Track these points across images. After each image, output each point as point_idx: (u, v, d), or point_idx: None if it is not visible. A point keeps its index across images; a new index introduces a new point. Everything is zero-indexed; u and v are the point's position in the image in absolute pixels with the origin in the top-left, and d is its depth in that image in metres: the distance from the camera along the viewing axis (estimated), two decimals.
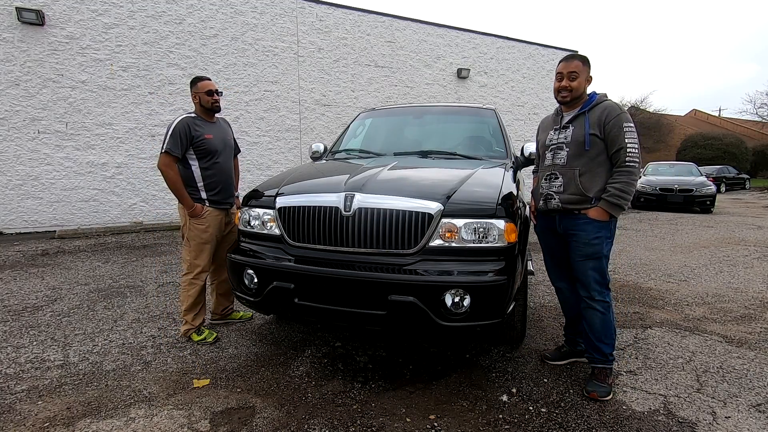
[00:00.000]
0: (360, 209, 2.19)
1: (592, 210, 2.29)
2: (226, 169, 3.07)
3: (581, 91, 2.36)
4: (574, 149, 2.33)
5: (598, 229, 2.28)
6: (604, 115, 2.27)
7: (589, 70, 2.39)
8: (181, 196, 2.88)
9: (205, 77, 3.04)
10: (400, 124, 4.02)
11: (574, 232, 2.34)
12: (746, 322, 3.39)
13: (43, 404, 2.18)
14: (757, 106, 33.41)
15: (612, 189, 2.23)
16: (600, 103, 2.33)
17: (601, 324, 2.32)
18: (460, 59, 12.26)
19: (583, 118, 2.33)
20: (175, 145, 2.81)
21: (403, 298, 2.03)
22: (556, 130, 2.44)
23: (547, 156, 2.48)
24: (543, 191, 2.47)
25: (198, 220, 2.93)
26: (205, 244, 2.96)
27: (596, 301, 2.32)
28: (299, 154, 10.14)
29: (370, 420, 2.05)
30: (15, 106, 7.44)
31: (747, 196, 17.54)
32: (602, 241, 2.30)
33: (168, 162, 2.83)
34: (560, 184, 2.37)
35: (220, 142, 3.03)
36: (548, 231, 2.55)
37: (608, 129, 2.25)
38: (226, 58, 9.15)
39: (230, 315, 3.37)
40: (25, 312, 3.55)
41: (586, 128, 2.29)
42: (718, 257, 5.76)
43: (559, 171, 2.38)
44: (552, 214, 2.45)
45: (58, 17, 7.62)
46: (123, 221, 8.36)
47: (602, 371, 2.34)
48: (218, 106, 3.05)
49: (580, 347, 2.65)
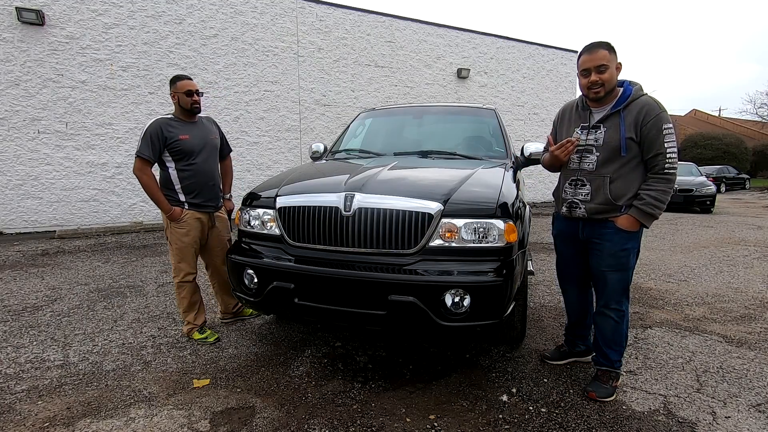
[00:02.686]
0: (360, 209, 2.18)
1: (621, 218, 2.11)
2: (206, 171, 2.95)
3: (614, 83, 2.10)
4: (605, 154, 2.11)
5: (626, 239, 2.12)
6: (641, 115, 2.03)
7: (617, 56, 2.10)
8: (157, 200, 2.80)
9: (185, 76, 2.92)
10: (400, 124, 4.02)
11: (600, 242, 2.17)
12: (746, 322, 3.39)
13: (43, 404, 2.18)
14: (757, 106, 33.51)
15: (646, 197, 2.05)
16: (636, 99, 2.08)
17: (612, 332, 2.23)
18: (460, 59, 12.27)
19: (617, 119, 2.08)
20: (146, 148, 2.73)
21: (403, 298, 2.03)
22: (584, 129, 2.19)
23: (572, 158, 2.24)
24: (567, 197, 2.27)
25: (178, 224, 2.86)
26: (187, 247, 2.90)
27: (612, 309, 2.22)
28: (299, 154, 10.15)
29: (370, 420, 2.05)
30: (15, 106, 7.44)
31: (747, 196, 17.54)
32: (629, 253, 2.15)
33: (141, 166, 2.75)
34: (587, 192, 2.17)
35: (198, 142, 2.90)
36: (567, 236, 2.38)
37: (646, 131, 2.02)
38: (226, 58, 9.15)
39: (242, 312, 3.35)
40: (25, 312, 3.55)
41: (621, 132, 2.05)
42: (718, 257, 5.76)
43: (587, 177, 2.18)
44: (575, 220, 2.29)
45: (58, 17, 7.62)
46: (123, 221, 8.36)
47: (606, 373, 2.28)
48: (198, 108, 2.93)
49: (579, 348, 2.63)
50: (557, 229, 2.47)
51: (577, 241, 2.32)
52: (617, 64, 2.10)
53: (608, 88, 2.09)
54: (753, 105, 41.32)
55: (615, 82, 2.11)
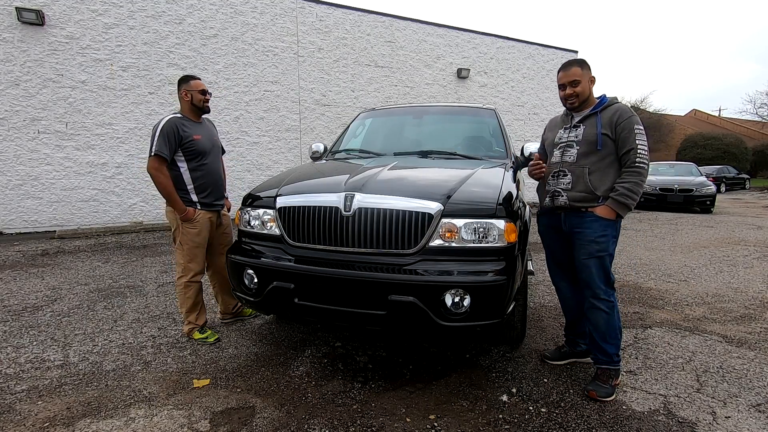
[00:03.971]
0: (360, 209, 2.19)
1: (599, 208, 2.30)
2: (215, 170, 3.02)
3: (587, 94, 2.39)
4: (584, 148, 2.34)
5: (604, 227, 2.30)
6: (616, 116, 2.29)
7: (590, 71, 2.42)
8: (173, 200, 2.81)
9: (196, 76, 3.00)
10: (400, 124, 4.02)
11: (580, 230, 2.34)
12: (746, 322, 3.39)
13: (43, 404, 2.18)
14: (757, 106, 33.50)
15: (621, 188, 2.25)
16: (611, 105, 2.35)
17: (606, 324, 2.32)
18: (460, 59, 12.26)
19: (594, 118, 2.35)
20: (164, 146, 2.72)
21: (403, 298, 2.03)
22: (566, 129, 2.45)
23: (555, 153, 2.47)
24: (550, 188, 2.46)
25: (190, 224, 2.87)
26: (198, 247, 2.92)
27: (601, 300, 2.32)
28: (299, 154, 10.14)
29: (370, 420, 2.05)
30: (15, 106, 7.44)
31: (747, 196, 17.54)
32: (608, 239, 2.31)
33: (157, 165, 2.74)
34: (569, 182, 2.37)
35: (208, 142, 2.96)
36: (552, 229, 2.55)
37: (620, 130, 2.27)
38: (226, 58, 9.15)
39: (241, 312, 3.36)
40: (25, 312, 3.55)
41: (598, 128, 2.31)
42: (718, 257, 5.76)
43: (568, 168, 2.38)
44: (558, 211, 2.45)
45: (58, 17, 7.62)
46: (123, 221, 8.36)
47: (605, 372, 2.32)
48: (208, 107, 3.00)
49: (580, 348, 2.64)
50: (542, 224, 2.64)
51: (562, 233, 2.47)
52: (591, 78, 2.41)
53: (582, 98, 2.39)
54: (753, 105, 41.33)
55: (588, 92, 2.41)
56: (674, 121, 34.01)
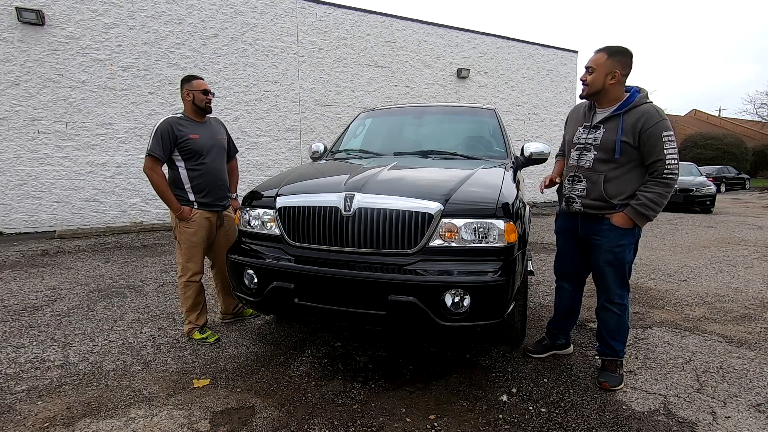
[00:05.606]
0: (360, 209, 2.18)
1: (615, 216, 2.19)
2: (215, 170, 2.99)
3: (597, 88, 2.18)
4: (602, 154, 2.19)
5: (621, 236, 2.20)
6: (641, 123, 2.08)
7: (620, 65, 2.14)
8: (167, 199, 2.82)
9: (199, 76, 3.01)
10: (400, 124, 4.02)
11: (597, 238, 2.26)
12: (746, 322, 3.39)
13: (43, 404, 2.18)
14: (757, 106, 33.53)
15: (643, 198, 2.11)
16: (638, 106, 2.13)
17: (617, 325, 2.33)
18: (460, 59, 12.26)
19: (616, 122, 2.15)
20: (157, 146, 2.75)
21: (403, 298, 2.03)
22: (586, 128, 2.28)
23: (572, 155, 2.34)
24: (565, 193, 2.40)
25: (187, 224, 2.87)
26: (195, 247, 2.92)
27: (615, 304, 2.31)
28: (299, 154, 10.14)
29: (370, 420, 2.05)
30: (15, 106, 7.44)
31: (747, 196, 17.54)
32: (625, 249, 2.23)
33: (151, 165, 2.77)
34: (583, 188, 2.27)
35: (207, 141, 2.94)
36: (568, 232, 2.47)
37: (644, 138, 2.08)
38: (226, 58, 9.15)
39: (242, 312, 3.36)
40: (25, 312, 3.55)
41: (618, 134, 2.12)
42: (718, 257, 5.76)
43: (584, 174, 2.27)
44: (574, 216, 2.39)
45: (58, 17, 7.62)
46: (123, 221, 8.36)
47: (612, 362, 2.37)
48: (210, 107, 3.01)
49: (560, 341, 2.69)
50: (559, 225, 2.58)
51: (577, 237, 2.41)
52: (614, 73, 2.15)
53: (590, 90, 2.19)
54: (753, 105, 41.41)
55: (600, 86, 2.17)
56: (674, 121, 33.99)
